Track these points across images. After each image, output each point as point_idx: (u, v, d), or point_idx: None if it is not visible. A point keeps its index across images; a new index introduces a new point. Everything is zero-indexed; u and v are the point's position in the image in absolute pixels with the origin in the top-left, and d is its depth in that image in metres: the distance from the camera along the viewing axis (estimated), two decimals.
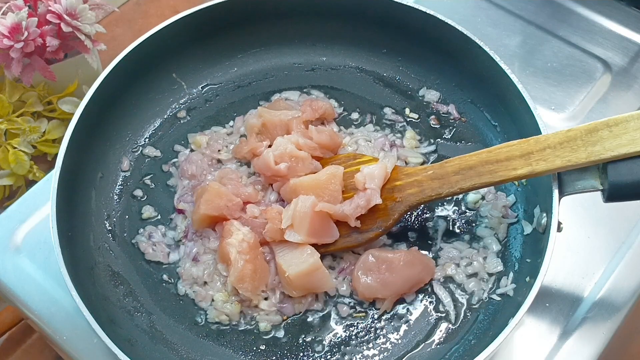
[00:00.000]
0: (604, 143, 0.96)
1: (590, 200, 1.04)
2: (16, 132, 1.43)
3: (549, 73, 1.38)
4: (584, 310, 1.12)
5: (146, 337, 1.08)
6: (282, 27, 1.34)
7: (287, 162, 1.14)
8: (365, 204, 1.08)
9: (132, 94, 1.26)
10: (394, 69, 1.35)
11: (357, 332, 1.08)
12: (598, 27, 1.45)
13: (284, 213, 1.10)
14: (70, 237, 1.07)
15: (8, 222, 1.20)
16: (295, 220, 1.07)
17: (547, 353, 1.08)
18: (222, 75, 1.35)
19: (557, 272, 1.14)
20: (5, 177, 1.44)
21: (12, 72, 1.36)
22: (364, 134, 1.27)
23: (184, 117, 1.31)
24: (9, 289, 1.13)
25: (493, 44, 1.20)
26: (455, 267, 1.13)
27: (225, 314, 1.09)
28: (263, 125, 1.23)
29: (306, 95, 1.33)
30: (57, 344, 1.09)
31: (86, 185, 1.18)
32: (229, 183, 1.17)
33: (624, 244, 1.18)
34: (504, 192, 1.19)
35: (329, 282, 1.09)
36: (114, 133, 1.25)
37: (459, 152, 1.22)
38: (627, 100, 1.35)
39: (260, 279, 1.09)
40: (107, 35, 1.49)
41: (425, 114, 1.30)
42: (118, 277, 1.13)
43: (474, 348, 1.04)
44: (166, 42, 1.24)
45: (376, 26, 1.31)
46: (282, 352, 1.07)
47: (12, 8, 1.36)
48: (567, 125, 1.32)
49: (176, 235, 1.17)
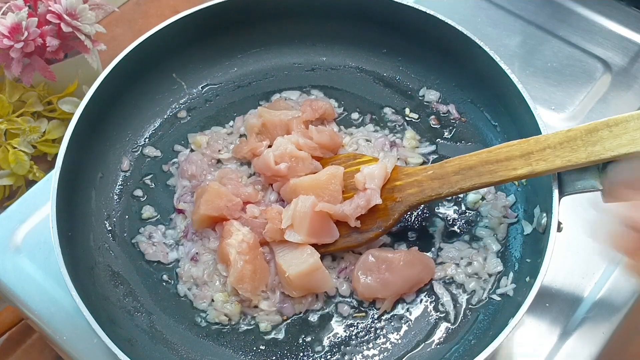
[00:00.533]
0: (604, 143, 0.96)
1: (591, 200, 1.04)
2: (16, 132, 1.43)
3: (549, 73, 1.38)
4: (584, 310, 1.12)
5: (146, 337, 1.08)
6: (282, 27, 1.34)
7: (287, 162, 1.14)
8: (365, 204, 1.08)
9: (132, 94, 1.26)
10: (394, 69, 1.35)
11: (357, 332, 1.08)
12: (598, 27, 1.45)
13: (284, 213, 1.10)
14: (70, 237, 1.07)
15: (8, 222, 1.19)
16: (295, 220, 1.07)
17: (547, 353, 1.08)
18: (222, 75, 1.35)
19: (557, 272, 1.14)
20: (5, 177, 1.44)
21: (12, 72, 1.36)
22: (364, 134, 1.27)
23: (184, 117, 1.31)
24: (9, 289, 1.13)
25: (493, 44, 1.20)
26: (455, 267, 1.13)
27: (225, 314, 1.09)
28: (263, 125, 1.23)
29: (306, 95, 1.33)
30: (57, 344, 1.09)
31: (86, 185, 1.18)
32: (229, 183, 1.17)
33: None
34: (504, 192, 1.19)
35: (329, 282, 1.09)
36: (114, 133, 1.25)
37: (459, 152, 1.22)
38: (627, 100, 1.35)
39: (260, 280, 1.09)
40: (107, 35, 1.49)
41: (425, 114, 1.30)
42: (118, 277, 1.13)
43: (474, 348, 1.04)
44: (166, 42, 1.24)
45: (376, 26, 1.31)
46: (282, 352, 1.07)
47: (12, 8, 1.36)
48: (567, 125, 1.31)
49: (176, 235, 1.17)
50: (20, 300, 1.12)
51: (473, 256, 1.13)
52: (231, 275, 1.08)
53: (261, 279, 1.09)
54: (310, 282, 1.07)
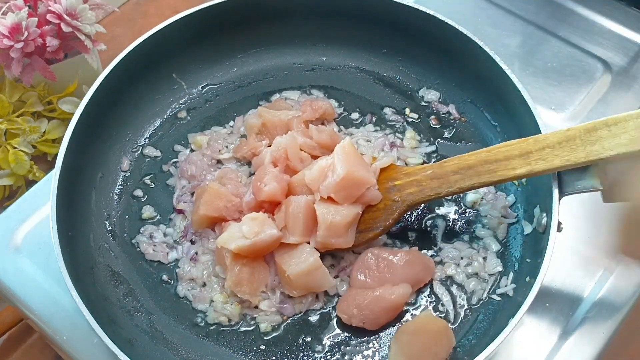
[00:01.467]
0: (602, 142, 0.96)
1: (591, 200, 1.04)
2: (16, 132, 1.43)
3: (549, 73, 1.38)
4: (584, 310, 1.12)
5: (146, 337, 1.08)
6: (282, 27, 1.34)
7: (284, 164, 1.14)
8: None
9: (132, 94, 1.26)
10: (394, 69, 1.35)
11: (357, 332, 1.08)
12: (598, 27, 1.45)
13: (277, 215, 1.10)
14: (70, 237, 1.07)
15: (8, 222, 1.19)
16: (288, 221, 1.07)
17: (547, 353, 1.08)
18: (222, 75, 1.35)
19: (557, 272, 1.14)
20: (5, 177, 1.44)
21: (12, 72, 1.36)
22: (364, 134, 1.27)
23: (184, 117, 1.31)
24: (9, 289, 1.13)
25: (493, 44, 1.20)
26: (455, 267, 1.13)
27: (224, 315, 1.09)
28: (263, 125, 1.23)
29: (306, 95, 1.33)
30: (57, 344, 1.09)
31: (86, 185, 1.18)
32: (229, 183, 1.17)
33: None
34: (504, 192, 1.19)
35: (329, 281, 1.09)
36: (114, 133, 1.25)
37: (459, 152, 1.22)
38: (627, 100, 1.35)
39: (259, 281, 1.09)
40: (107, 35, 1.49)
41: (425, 114, 1.30)
42: (118, 277, 1.13)
43: (474, 348, 1.04)
44: (166, 42, 1.24)
45: (376, 26, 1.31)
46: (282, 352, 1.07)
47: (12, 8, 1.36)
48: (567, 125, 1.30)
49: (176, 235, 1.17)
50: (20, 300, 1.12)
51: (473, 256, 1.14)
52: (228, 280, 1.08)
53: (261, 280, 1.09)
54: (310, 281, 1.07)
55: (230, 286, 1.07)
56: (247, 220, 1.07)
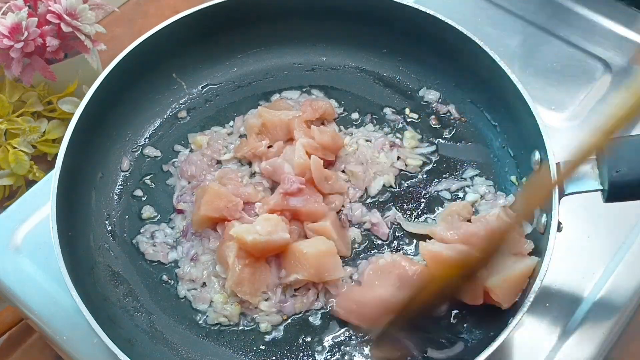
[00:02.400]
0: None
1: (590, 200, 1.04)
2: (16, 132, 1.43)
3: (549, 73, 1.38)
4: (584, 310, 1.12)
5: (146, 337, 1.08)
6: (282, 27, 1.34)
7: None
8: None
9: (132, 94, 1.26)
10: (394, 69, 1.35)
11: (358, 332, 1.08)
12: (598, 27, 1.45)
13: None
14: (70, 237, 1.07)
15: (8, 222, 1.20)
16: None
17: (547, 353, 1.08)
18: (222, 75, 1.35)
19: (557, 272, 1.14)
20: (5, 177, 1.44)
21: (12, 72, 1.36)
22: (364, 134, 1.27)
23: (184, 117, 1.31)
24: (9, 289, 1.13)
25: (493, 44, 1.20)
26: None
27: (224, 315, 1.09)
28: (263, 125, 1.23)
29: (306, 95, 1.33)
30: (57, 344, 1.09)
31: (86, 185, 1.18)
32: (229, 183, 1.17)
33: (624, 244, 1.18)
34: (504, 192, 1.19)
35: (340, 270, 1.08)
36: (114, 133, 1.25)
37: (459, 152, 1.22)
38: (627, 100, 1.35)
39: (260, 281, 1.08)
40: (107, 35, 1.49)
41: (425, 114, 1.30)
42: (118, 277, 1.13)
43: (474, 348, 1.04)
44: (166, 42, 1.24)
45: (376, 26, 1.31)
46: (282, 352, 1.07)
47: (12, 8, 1.36)
48: (567, 125, 1.32)
49: (175, 235, 1.17)
50: (20, 300, 1.12)
51: None
52: (229, 279, 1.08)
53: (261, 281, 1.09)
54: (324, 264, 1.07)
55: (231, 286, 1.07)
56: (260, 220, 1.08)
